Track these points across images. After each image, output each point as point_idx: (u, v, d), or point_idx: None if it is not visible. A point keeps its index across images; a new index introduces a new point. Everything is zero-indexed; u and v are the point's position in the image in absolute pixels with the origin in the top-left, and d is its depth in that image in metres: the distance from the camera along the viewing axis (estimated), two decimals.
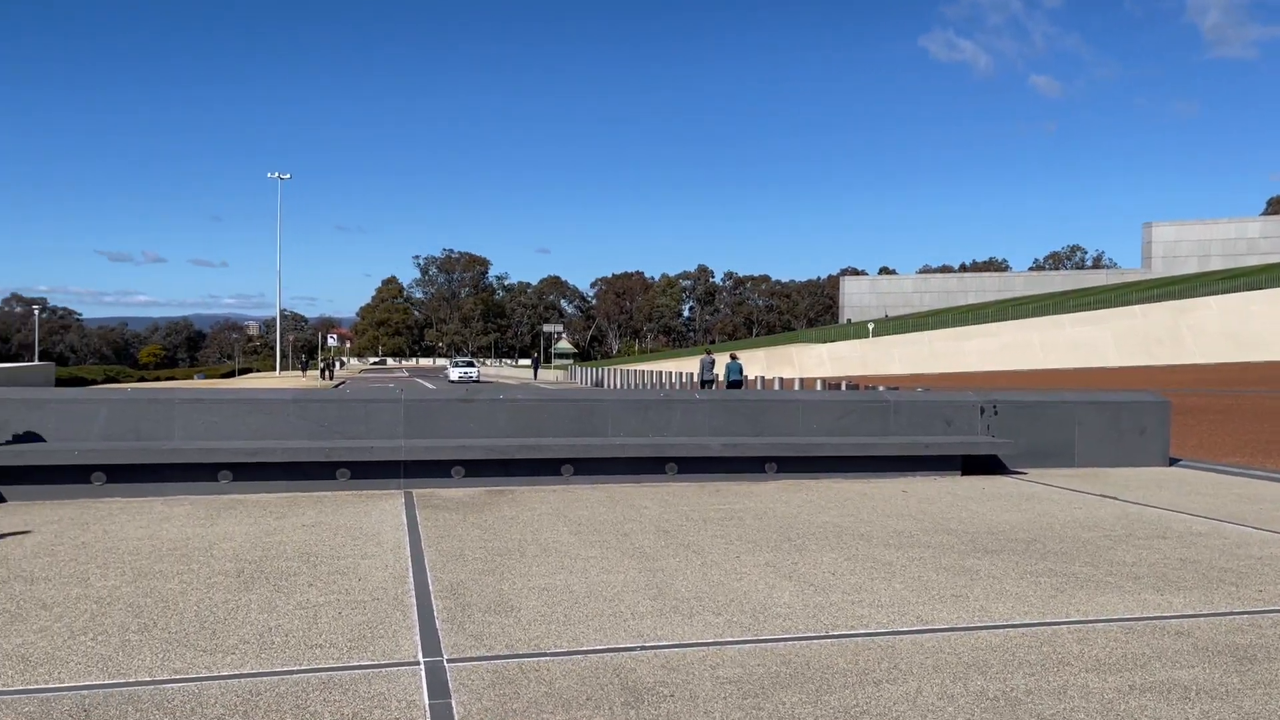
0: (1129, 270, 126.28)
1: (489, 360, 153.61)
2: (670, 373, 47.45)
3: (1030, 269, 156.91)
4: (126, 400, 8.87)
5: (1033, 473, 10.61)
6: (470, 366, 62.83)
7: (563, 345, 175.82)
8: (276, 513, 7.59)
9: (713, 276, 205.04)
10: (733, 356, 29.55)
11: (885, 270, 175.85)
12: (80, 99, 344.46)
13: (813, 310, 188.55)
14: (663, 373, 48.04)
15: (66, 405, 8.67)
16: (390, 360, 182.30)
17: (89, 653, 4.11)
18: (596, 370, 59.80)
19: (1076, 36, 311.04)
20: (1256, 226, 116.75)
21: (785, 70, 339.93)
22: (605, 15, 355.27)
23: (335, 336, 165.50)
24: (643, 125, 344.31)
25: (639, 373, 50.77)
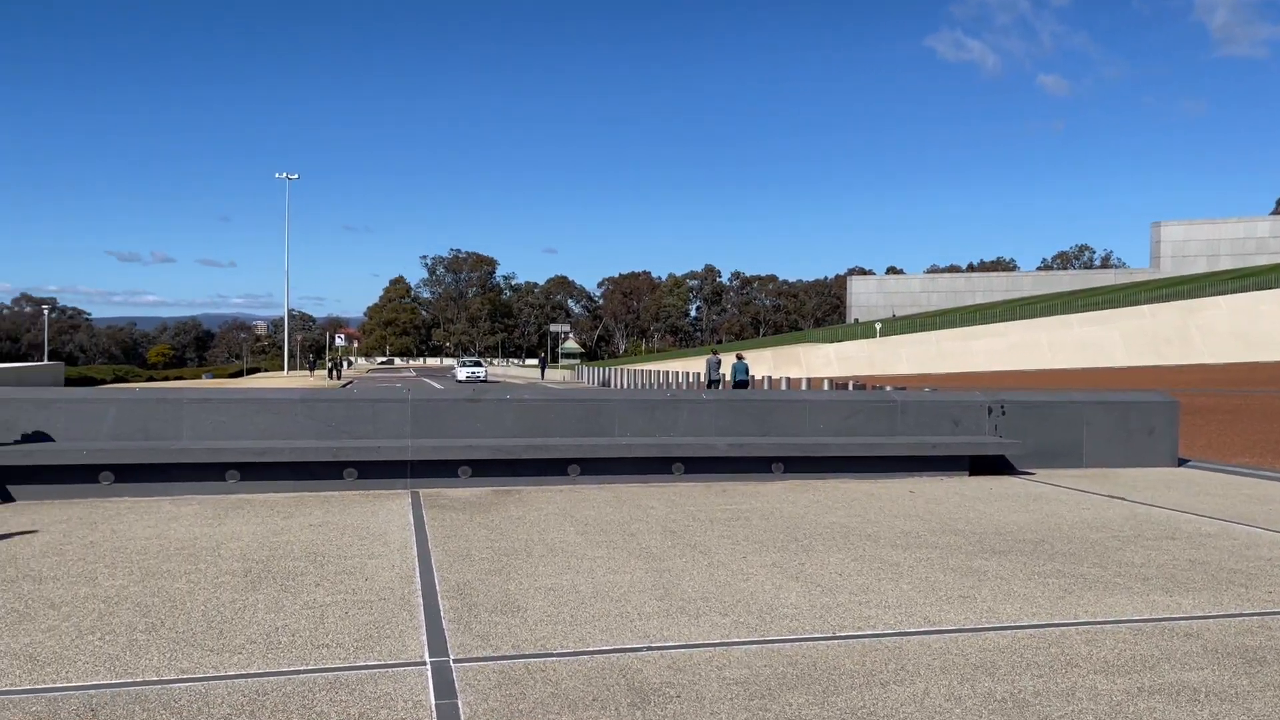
0: (1137, 270, 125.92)
1: (496, 360, 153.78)
2: (677, 373, 47.41)
3: (1038, 269, 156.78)
4: (135, 400, 8.89)
5: (1040, 473, 10.58)
6: (478, 366, 62.88)
7: (570, 345, 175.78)
8: (284, 512, 7.60)
9: (719, 276, 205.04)
10: (739, 356, 29.51)
11: (893, 270, 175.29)
12: (85, 99, 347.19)
13: (820, 310, 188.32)
14: (669, 373, 48.00)
15: (75, 405, 8.70)
16: (398, 360, 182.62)
17: (96, 652, 4.12)
18: (603, 370, 59.76)
19: (1085, 35, 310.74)
20: (1266, 226, 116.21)
21: (786, 70, 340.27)
22: (605, 15, 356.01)
23: (343, 336, 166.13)
24: (644, 125, 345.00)
25: (646, 373, 50.71)
